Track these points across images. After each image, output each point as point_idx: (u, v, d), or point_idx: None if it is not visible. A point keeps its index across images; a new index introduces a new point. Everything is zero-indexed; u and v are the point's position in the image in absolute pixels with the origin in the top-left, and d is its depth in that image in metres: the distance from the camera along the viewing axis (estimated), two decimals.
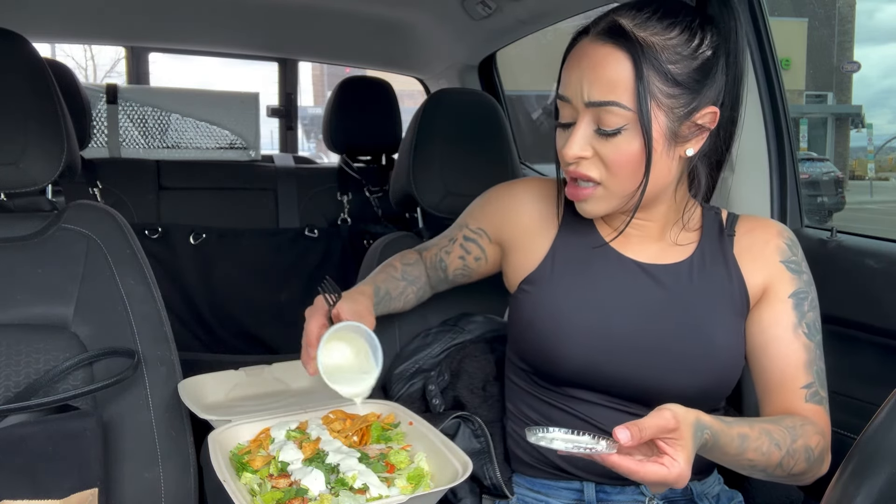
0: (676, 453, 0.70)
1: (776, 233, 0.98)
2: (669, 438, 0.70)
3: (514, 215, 1.04)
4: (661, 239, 0.98)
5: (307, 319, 0.95)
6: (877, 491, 0.45)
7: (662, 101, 0.84)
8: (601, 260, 0.97)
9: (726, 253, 0.97)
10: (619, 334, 0.93)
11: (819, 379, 0.91)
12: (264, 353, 2.02)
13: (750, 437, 0.79)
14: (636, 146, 0.85)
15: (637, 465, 0.70)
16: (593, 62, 0.85)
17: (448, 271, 1.12)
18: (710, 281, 0.95)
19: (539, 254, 1.00)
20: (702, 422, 0.74)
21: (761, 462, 0.81)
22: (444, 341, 1.21)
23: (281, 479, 0.82)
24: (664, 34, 0.84)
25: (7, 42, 1.08)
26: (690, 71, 0.85)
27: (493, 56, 2.24)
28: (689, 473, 0.71)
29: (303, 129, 8.39)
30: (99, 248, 1.10)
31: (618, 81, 0.83)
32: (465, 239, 1.09)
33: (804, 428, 0.85)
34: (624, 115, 0.84)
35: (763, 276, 0.95)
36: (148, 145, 2.21)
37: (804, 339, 0.92)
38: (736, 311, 0.95)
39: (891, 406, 0.48)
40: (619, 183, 0.88)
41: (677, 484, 0.70)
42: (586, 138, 0.87)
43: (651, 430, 0.70)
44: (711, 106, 0.87)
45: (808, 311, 0.94)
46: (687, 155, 0.89)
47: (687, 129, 0.87)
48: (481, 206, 1.09)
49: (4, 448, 0.89)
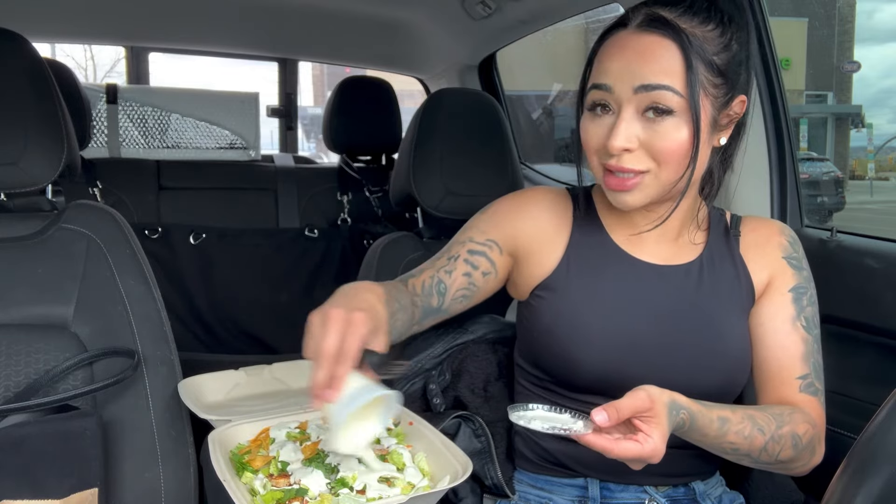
0: (651, 430, 0.74)
1: (778, 230, 1.01)
2: (645, 417, 0.75)
3: (526, 223, 1.02)
4: (676, 238, 0.99)
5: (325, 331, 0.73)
6: (877, 491, 0.45)
7: (709, 90, 0.86)
8: (615, 263, 0.98)
9: (733, 251, 0.99)
10: (636, 337, 0.93)
11: (815, 371, 0.94)
12: (264, 353, 2.02)
13: (731, 420, 0.82)
14: (685, 133, 0.86)
15: (612, 442, 0.74)
16: (641, 50, 0.86)
17: (447, 295, 1.01)
18: (720, 280, 0.97)
19: (553, 260, 0.99)
20: (677, 402, 0.78)
21: (744, 446, 0.83)
22: (447, 341, 1.21)
23: (281, 479, 0.82)
24: (703, 26, 0.87)
25: (7, 42, 1.08)
26: (731, 62, 0.88)
27: (493, 56, 2.23)
28: (664, 450, 0.75)
29: (303, 129, 8.39)
30: (99, 248, 1.10)
31: (669, 69, 0.84)
32: (471, 253, 1.02)
33: (792, 416, 0.87)
34: (675, 100, 0.84)
35: (767, 272, 0.98)
36: (148, 145, 2.21)
37: (802, 331, 0.94)
38: (744, 309, 0.97)
39: (891, 406, 0.48)
40: (667, 172, 0.88)
41: (652, 459, 0.74)
42: (632, 127, 0.86)
43: (628, 410, 0.74)
44: (742, 95, 0.90)
45: (806, 305, 0.96)
46: (720, 144, 0.92)
47: (724, 118, 0.90)
48: (489, 217, 1.05)
49: (4, 448, 0.89)
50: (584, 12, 1.71)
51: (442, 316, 1.02)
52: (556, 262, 0.99)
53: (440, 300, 1.00)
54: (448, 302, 1.01)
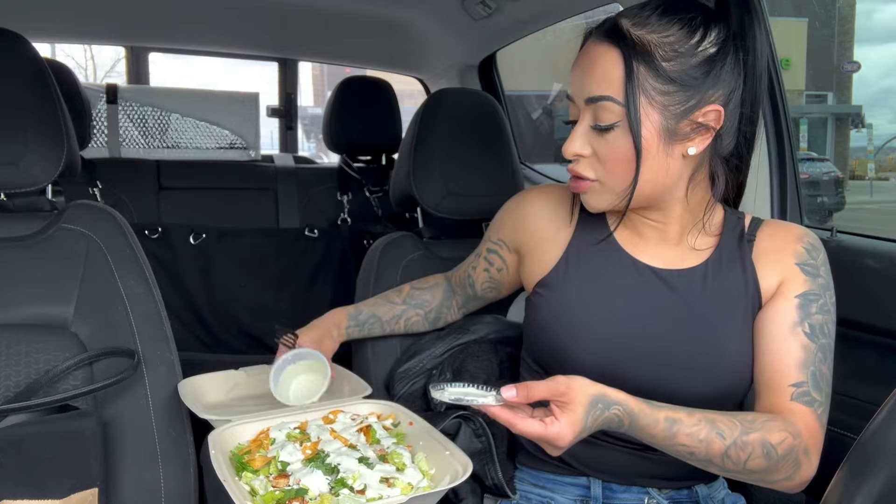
0: (561, 414, 0.76)
1: (796, 237, 0.95)
2: (560, 402, 0.76)
3: (528, 222, 1.05)
4: (679, 243, 0.96)
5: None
6: (877, 491, 0.45)
7: (655, 99, 0.84)
8: (615, 264, 0.97)
9: (744, 258, 0.95)
10: (630, 339, 0.92)
11: (814, 381, 0.87)
12: (264, 353, 2.01)
13: (683, 422, 0.79)
14: (628, 143, 0.86)
15: (515, 417, 0.76)
16: (590, 60, 0.88)
17: (476, 287, 1.17)
18: (726, 286, 0.94)
19: (553, 257, 1.01)
20: (608, 397, 0.77)
21: (700, 450, 0.80)
22: (448, 341, 1.21)
23: (281, 479, 0.82)
24: (661, 31, 0.84)
25: (7, 42, 1.08)
26: (689, 68, 0.84)
27: (493, 56, 2.23)
28: (570, 437, 0.76)
29: (303, 129, 8.39)
30: (99, 248, 1.10)
31: (611, 78, 0.85)
32: (489, 251, 1.12)
33: (767, 423, 0.82)
34: (617, 110, 0.85)
35: (777, 278, 0.93)
36: (148, 145, 2.21)
37: (803, 338, 0.89)
38: (750, 316, 0.93)
39: (891, 406, 0.48)
40: (614, 180, 0.89)
41: (555, 442, 0.76)
42: (585, 136, 0.89)
43: (540, 392, 0.76)
44: (714, 104, 0.85)
45: (815, 313, 0.90)
46: (689, 154, 0.87)
47: (687, 126, 0.86)
48: (499, 217, 1.12)
49: (4, 448, 0.89)
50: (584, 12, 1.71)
51: (481, 302, 1.20)
52: (556, 260, 1.00)
53: (473, 291, 1.18)
54: (480, 291, 1.17)
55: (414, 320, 1.21)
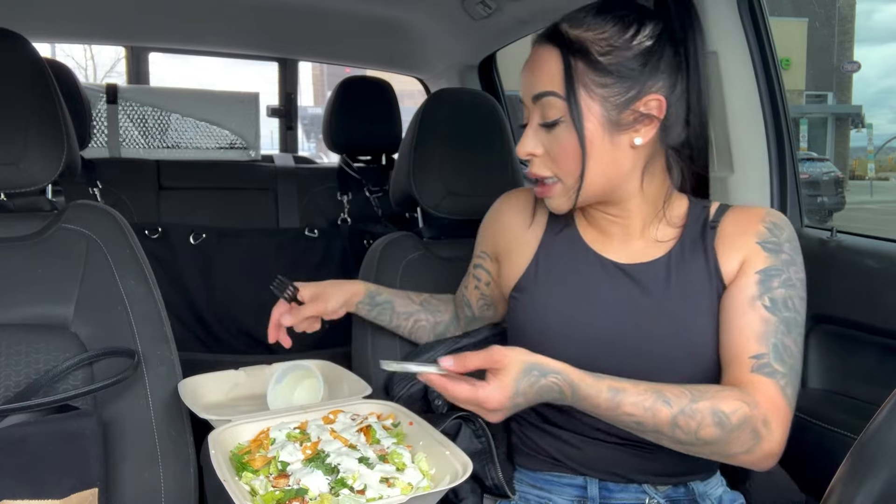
0: (492, 379, 0.79)
1: (759, 218, 0.94)
2: (493, 369, 0.79)
3: (500, 228, 1.10)
4: (642, 236, 0.98)
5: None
6: (877, 491, 0.45)
7: (595, 91, 0.88)
8: (583, 263, 0.99)
9: (707, 245, 0.95)
10: (600, 336, 0.94)
11: (776, 353, 0.86)
12: (264, 353, 2.02)
13: (627, 391, 0.80)
14: (574, 137, 0.89)
15: (447, 382, 0.79)
16: (534, 62, 0.93)
17: (473, 307, 1.18)
18: (689, 276, 0.94)
19: (524, 261, 1.04)
20: (543, 365, 0.80)
21: (648, 419, 0.80)
22: (448, 344, 1.21)
23: (281, 479, 0.82)
24: (596, 29, 0.89)
25: (7, 42, 1.08)
26: (625, 60, 0.88)
27: (493, 56, 2.24)
28: (500, 400, 0.78)
29: (303, 129, 8.40)
30: (99, 248, 1.10)
31: (552, 75, 0.89)
32: (475, 267, 1.15)
33: (719, 393, 0.82)
34: (560, 105, 0.89)
35: (739, 260, 0.93)
36: (148, 145, 2.20)
37: (763, 311, 0.88)
38: (714, 303, 0.93)
39: (891, 406, 0.48)
40: (569, 175, 0.92)
41: (485, 405, 0.78)
42: (536, 135, 0.93)
43: (476, 361, 0.79)
44: (655, 94, 0.89)
45: (777, 287, 0.89)
46: (636, 144, 0.90)
47: (629, 116, 0.89)
48: (480, 229, 1.15)
49: (4, 448, 0.89)
50: None
51: (479, 322, 1.20)
52: (527, 263, 1.03)
53: (471, 311, 1.18)
54: (477, 311, 1.18)
55: (422, 325, 1.22)
